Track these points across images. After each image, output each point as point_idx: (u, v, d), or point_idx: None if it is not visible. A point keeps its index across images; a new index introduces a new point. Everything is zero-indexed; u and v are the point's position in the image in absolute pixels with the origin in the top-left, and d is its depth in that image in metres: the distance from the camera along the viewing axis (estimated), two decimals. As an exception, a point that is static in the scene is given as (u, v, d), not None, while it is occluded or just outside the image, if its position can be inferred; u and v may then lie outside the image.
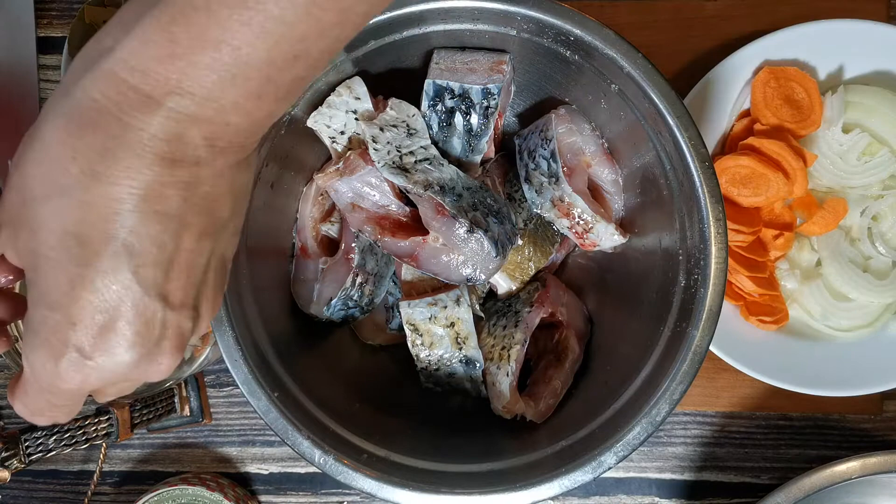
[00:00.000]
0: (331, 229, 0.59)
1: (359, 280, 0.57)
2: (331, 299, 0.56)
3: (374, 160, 0.51)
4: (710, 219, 0.49)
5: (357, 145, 0.54)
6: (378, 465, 0.50)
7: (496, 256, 0.50)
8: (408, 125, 0.53)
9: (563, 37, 0.50)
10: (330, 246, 0.60)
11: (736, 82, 0.64)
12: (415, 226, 0.53)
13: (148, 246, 0.31)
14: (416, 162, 0.52)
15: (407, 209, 0.54)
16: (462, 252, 0.50)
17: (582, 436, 0.52)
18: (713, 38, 0.67)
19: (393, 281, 0.60)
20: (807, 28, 0.63)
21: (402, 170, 0.51)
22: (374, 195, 0.54)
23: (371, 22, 0.49)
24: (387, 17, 0.50)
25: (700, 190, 0.49)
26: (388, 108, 0.53)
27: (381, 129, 0.52)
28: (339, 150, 0.55)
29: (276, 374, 0.52)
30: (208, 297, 0.35)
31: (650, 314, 0.53)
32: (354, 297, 0.57)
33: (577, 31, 0.49)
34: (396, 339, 0.61)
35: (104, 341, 0.32)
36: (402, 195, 0.54)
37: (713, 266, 0.49)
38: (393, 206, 0.54)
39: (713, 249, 0.49)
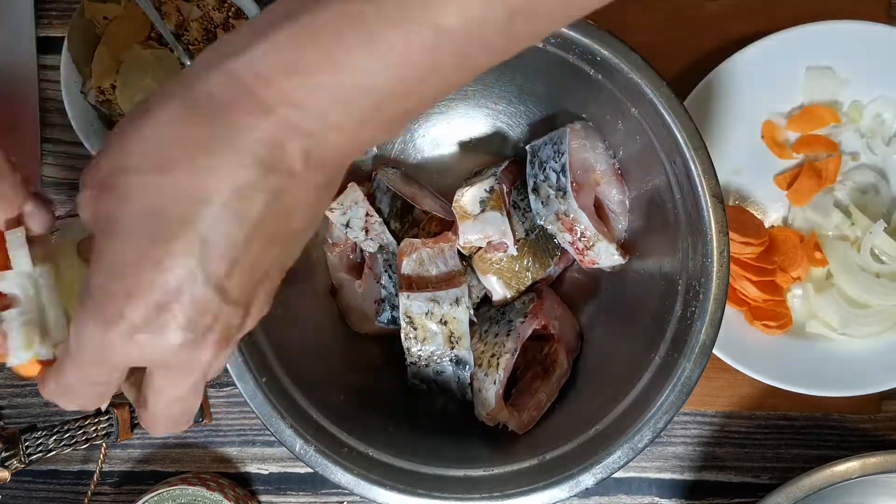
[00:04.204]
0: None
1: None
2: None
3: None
4: (715, 253, 0.48)
5: None
6: (357, 461, 0.50)
7: None
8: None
9: (590, 55, 0.50)
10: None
11: (737, 84, 0.64)
12: None
13: (222, 241, 0.32)
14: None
15: None
16: None
17: (561, 452, 0.52)
18: (714, 38, 0.67)
19: (388, 275, 0.60)
20: (807, 29, 0.63)
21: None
22: None
23: None
24: None
25: (708, 225, 0.49)
26: None
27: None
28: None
29: (265, 358, 0.52)
30: (260, 301, 0.36)
31: (643, 339, 0.53)
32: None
33: (605, 52, 0.49)
34: (382, 330, 0.61)
35: (156, 319, 0.33)
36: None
37: (711, 301, 0.48)
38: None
39: (713, 284, 0.48)
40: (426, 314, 0.55)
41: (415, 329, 0.55)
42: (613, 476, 0.68)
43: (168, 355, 0.34)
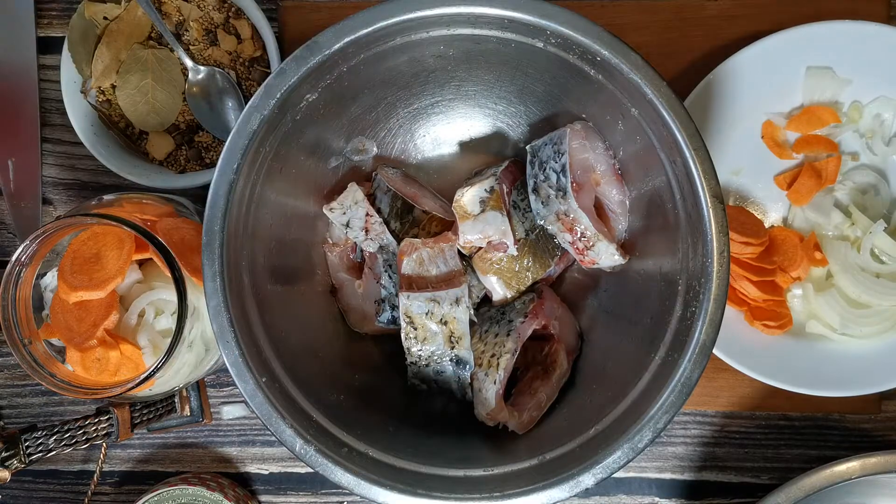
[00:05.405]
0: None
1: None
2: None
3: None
4: (715, 253, 0.48)
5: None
6: (357, 461, 0.50)
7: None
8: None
9: (590, 55, 0.50)
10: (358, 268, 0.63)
11: (737, 84, 0.64)
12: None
13: None
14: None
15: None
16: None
17: (561, 452, 0.52)
18: (714, 38, 0.67)
19: (388, 275, 0.60)
20: (807, 29, 0.63)
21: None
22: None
23: (402, 18, 0.49)
24: (418, 16, 0.49)
25: (708, 225, 0.48)
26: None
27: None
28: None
29: (265, 358, 0.52)
30: None
31: (643, 339, 0.53)
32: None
33: (605, 52, 0.49)
34: (382, 330, 0.61)
35: None
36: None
37: (711, 301, 0.48)
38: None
39: (713, 284, 0.48)
40: (426, 314, 0.55)
41: (415, 329, 0.55)
42: (613, 476, 0.68)
43: None
